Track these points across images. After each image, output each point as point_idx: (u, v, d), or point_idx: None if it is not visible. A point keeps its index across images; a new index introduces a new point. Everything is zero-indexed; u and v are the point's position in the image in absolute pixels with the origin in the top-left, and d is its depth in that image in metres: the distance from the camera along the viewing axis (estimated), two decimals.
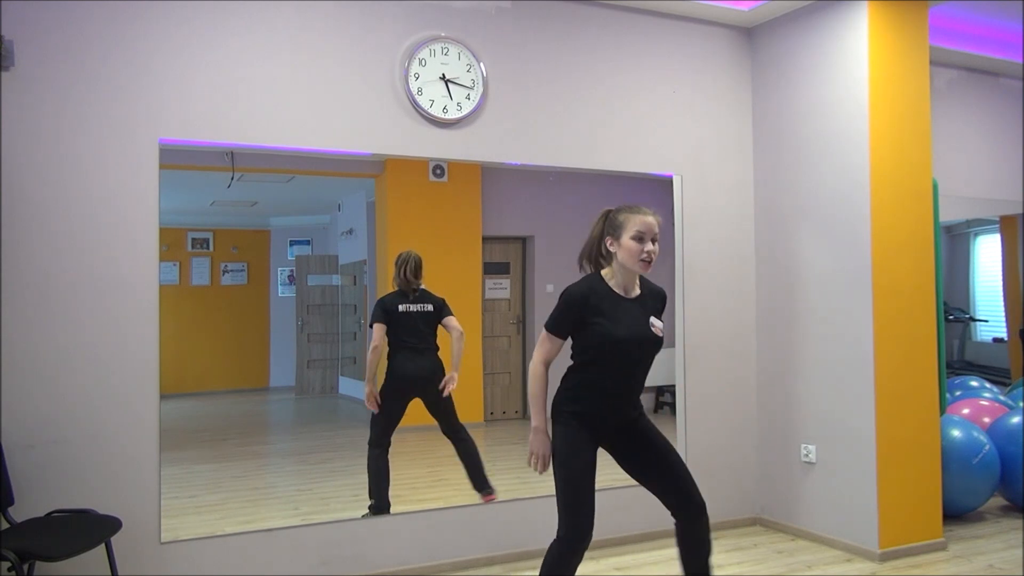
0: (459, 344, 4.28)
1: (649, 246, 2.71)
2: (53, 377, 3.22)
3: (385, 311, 4.22)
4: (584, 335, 2.72)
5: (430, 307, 4.28)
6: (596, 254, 2.83)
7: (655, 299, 2.85)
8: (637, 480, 2.87)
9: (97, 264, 3.31)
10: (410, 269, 4.25)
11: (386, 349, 4.24)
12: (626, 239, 2.72)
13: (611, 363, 2.71)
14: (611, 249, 2.77)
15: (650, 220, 2.74)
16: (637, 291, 2.80)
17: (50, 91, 3.24)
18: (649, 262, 2.73)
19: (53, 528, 2.98)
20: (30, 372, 3.19)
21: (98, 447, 3.29)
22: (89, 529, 2.98)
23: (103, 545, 3.01)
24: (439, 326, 4.30)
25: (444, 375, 4.28)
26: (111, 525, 3.02)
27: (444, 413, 4.28)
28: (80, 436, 3.26)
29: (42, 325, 3.21)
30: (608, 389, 2.73)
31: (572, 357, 2.79)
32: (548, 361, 2.78)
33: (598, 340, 2.68)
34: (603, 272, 2.80)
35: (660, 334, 2.77)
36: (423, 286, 4.29)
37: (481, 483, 4.19)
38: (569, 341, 2.78)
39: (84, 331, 3.28)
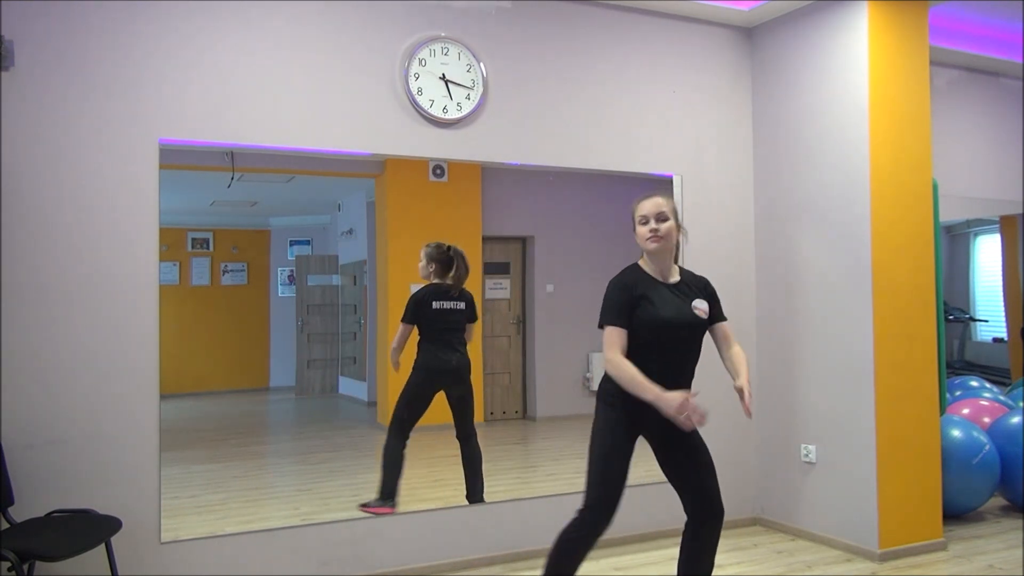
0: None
1: (652, 224, 2.79)
2: (53, 377, 3.22)
3: (417, 309, 4.23)
4: (634, 319, 2.76)
5: (462, 305, 4.30)
6: None
7: (697, 285, 2.91)
8: (667, 476, 2.90)
9: (97, 264, 3.31)
10: (450, 262, 4.25)
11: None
12: (637, 227, 2.85)
13: (658, 345, 2.75)
14: (636, 241, 2.88)
15: (650, 203, 2.82)
16: (676, 277, 2.87)
17: (50, 91, 3.24)
18: (658, 239, 2.79)
19: (53, 528, 2.98)
20: (30, 372, 3.19)
21: (98, 447, 3.28)
22: (89, 529, 2.98)
23: (103, 545, 3.00)
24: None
25: (470, 371, 4.29)
26: (111, 525, 3.02)
27: (464, 413, 4.27)
28: (80, 436, 3.26)
29: (42, 325, 3.21)
30: (655, 373, 2.70)
31: None
32: (623, 351, 2.73)
33: (646, 322, 2.74)
34: (639, 262, 2.89)
35: (704, 316, 2.83)
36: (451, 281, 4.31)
37: (476, 494, 4.16)
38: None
39: (84, 331, 3.28)
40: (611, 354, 2.73)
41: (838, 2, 4.22)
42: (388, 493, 4.01)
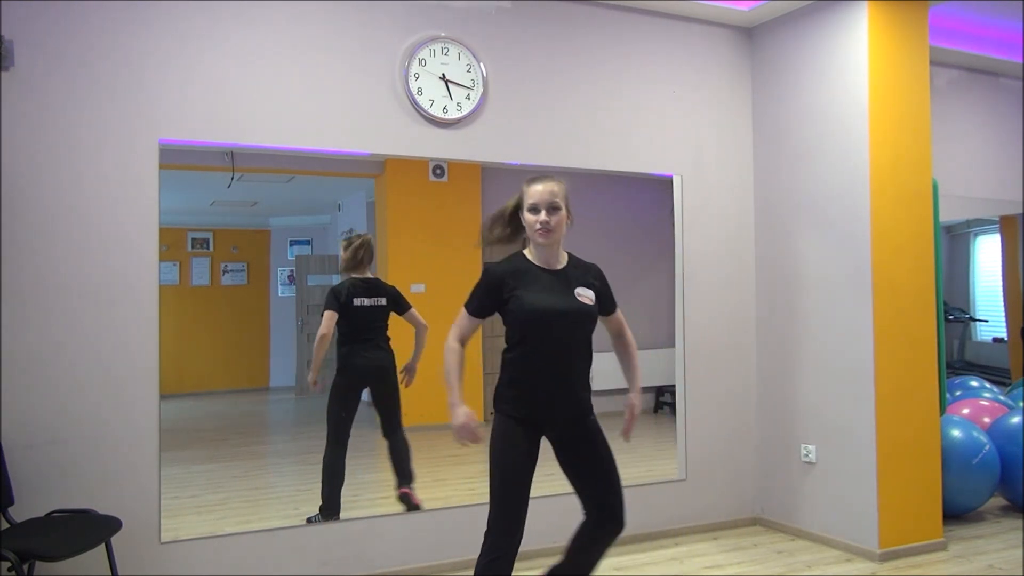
0: (423, 337, 4.23)
1: (543, 216, 2.62)
2: (53, 377, 3.22)
3: (339, 300, 4.17)
4: (508, 313, 2.64)
5: (383, 300, 4.22)
6: (506, 226, 2.77)
7: (584, 271, 2.75)
8: (567, 477, 2.76)
9: (97, 264, 3.31)
10: (367, 254, 4.20)
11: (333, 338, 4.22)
12: (525, 213, 2.68)
13: (539, 337, 2.61)
14: (524, 222, 2.71)
15: (543, 189, 2.64)
16: (562, 264, 2.73)
17: (50, 91, 3.24)
18: (547, 232, 2.63)
19: (53, 528, 2.98)
20: (30, 372, 3.19)
21: (98, 447, 3.29)
22: (89, 529, 2.98)
23: (103, 545, 3.00)
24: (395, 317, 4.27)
25: (395, 367, 4.22)
26: (111, 525, 3.02)
27: (389, 410, 4.22)
28: (80, 436, 3.26)
29: (42, 325, 3.21)
30: (543, 368, 2.61)
31: (505, 342, 2.69)
32: (463, 339, 2.68)
33: (520, 314, 2.61)
34: (525, 250, 2.75)
35: (589, 303, 2.67)
36: (371, 275, 4.24)
37: (404, 477, 4.11)
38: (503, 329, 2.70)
39: (84, 331, 3.28)
40: (450, 338, 2.65)
41: (838, 2, 4.22)
42: (332, 507, 3.96)
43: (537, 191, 2.64)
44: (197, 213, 5.30)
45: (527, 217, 2.67)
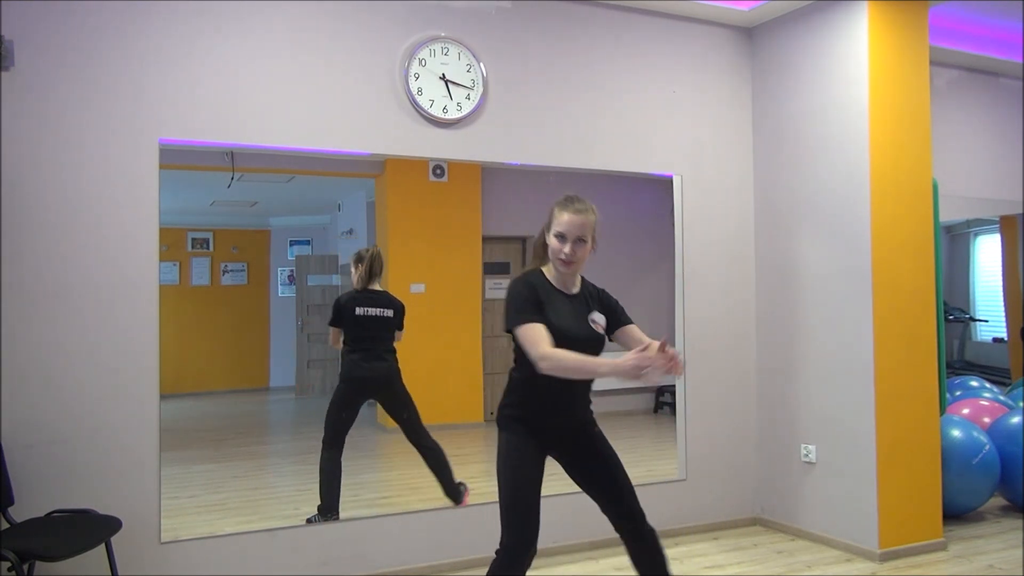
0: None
1: (568, 248, 2.57)
2: (53, 377, 3.22)
3: (339, 313, 4.20)
4: None
5: (390, 312, 4.23)
6: (541, 246, 2.70)
7: (595, 299, 2.73)
8: (583, 490, 2.74)
9: (97, 264, 3.31)
10: (376, 267, 4.21)
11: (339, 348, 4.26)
12: (551, 238, 2.61)
13: None
14: (547, 242, 2.64)
15: (571, 219, 2.57)
16: (577, 288, 2.69)
17: (50, 91, 3.24)
18: (569, 264, 2.59)
19: (53, 528, 2.98)
20: (30, 372, 3.19)
21: (98, 447, 3.28)
22: (89, 529, 2.98)
23: (103, 545, 3.00)
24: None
25: (399, 376, 4.22)
26: (111, 525, 3.02)
27: (404, 418, 4.21)
28: (80, 436, 3.26)
29: (42, 325, 3.21)
30: (557, 392, 2.58)
31: (515, 359, 2.66)
32: (552, 344, 2.49)
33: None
34: (544, 267, 2.69)
35: (600, 331, 2.65)
36: (378, 287, 4.24)
37: (453, 493, 4.12)
38: (511, 344, 2.63)
39: (84, 331, 3.28)
40: (542, 350, 2.44)
41: (838, 2, 4.22)
42: (330, 508, 3.98)
43: (566, 221, 2.58)
44: (197, 213, 5.31)
45: (552, 242, 2.61)
